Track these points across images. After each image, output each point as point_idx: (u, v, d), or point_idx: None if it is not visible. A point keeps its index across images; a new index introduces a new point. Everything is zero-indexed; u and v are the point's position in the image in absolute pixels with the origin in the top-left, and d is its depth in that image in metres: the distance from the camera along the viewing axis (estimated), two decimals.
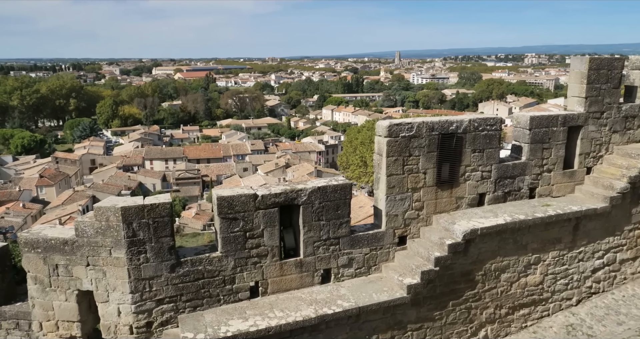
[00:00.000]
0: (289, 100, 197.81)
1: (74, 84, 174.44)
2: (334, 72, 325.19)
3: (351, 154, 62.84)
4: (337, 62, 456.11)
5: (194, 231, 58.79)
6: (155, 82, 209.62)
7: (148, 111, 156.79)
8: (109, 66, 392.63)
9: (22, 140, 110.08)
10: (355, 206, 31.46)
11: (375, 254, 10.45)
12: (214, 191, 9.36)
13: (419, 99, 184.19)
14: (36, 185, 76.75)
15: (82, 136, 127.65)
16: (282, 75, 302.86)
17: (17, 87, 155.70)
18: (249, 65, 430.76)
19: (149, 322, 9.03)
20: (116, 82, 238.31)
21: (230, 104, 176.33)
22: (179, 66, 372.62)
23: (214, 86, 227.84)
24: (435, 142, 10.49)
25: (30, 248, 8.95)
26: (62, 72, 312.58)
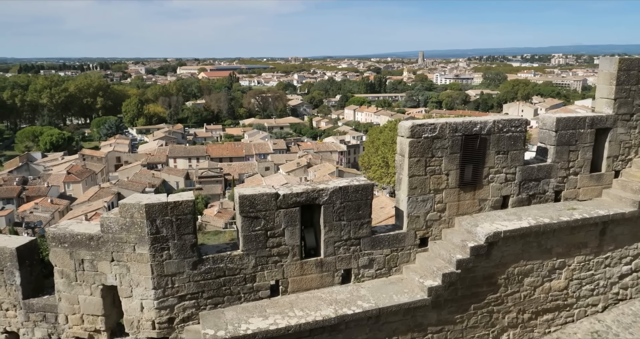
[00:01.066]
0: (311, 100, 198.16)
1: (101, 83, 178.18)
2: (357, 72, 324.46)
3: (373, 155, 62.65)
4: (360, 62, 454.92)
5: (216, 229, 59.42)
6: (179, 82, 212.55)
7: (172, 110, 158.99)
8: (135, 65, 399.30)
9: (51, 137, 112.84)
10: (377, 206, 31.34)
11: (396, 255, 10.39)
12: (236, 190, 9.44)
13: (442, 99, 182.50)
14: (64, 181, 78.60)
15: (108, 133, 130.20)
16: (304, 75, 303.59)
17: (47, 85, 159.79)
18: (271, 65, 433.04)
19: (170, 318, 9.16)
20: (142, 81, 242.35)
21: (253, 104, 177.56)
22: (203, 66, 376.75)
23: (237, 85, 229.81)
24: (459, 143, 10.38)
25: (58, 243, 9.16)
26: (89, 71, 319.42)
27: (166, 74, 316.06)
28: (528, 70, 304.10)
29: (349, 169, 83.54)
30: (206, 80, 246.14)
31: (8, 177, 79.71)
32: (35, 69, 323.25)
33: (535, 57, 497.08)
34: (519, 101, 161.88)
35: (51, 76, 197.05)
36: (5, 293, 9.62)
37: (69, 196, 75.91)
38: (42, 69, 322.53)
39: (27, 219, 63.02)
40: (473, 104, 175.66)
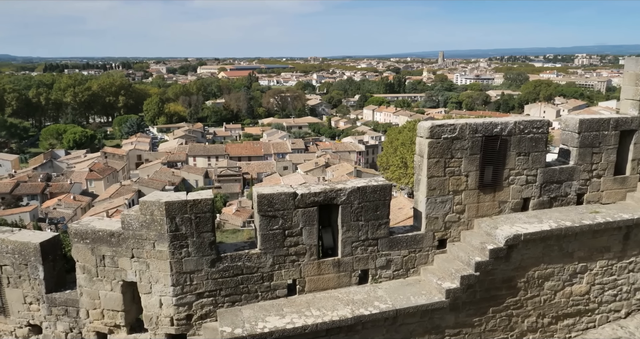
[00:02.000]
0: (330, 99, 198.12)
1: (123, 82, 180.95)
2: (376, 72, 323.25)
3: (391, 155, 62.33)
4: (379, 62, 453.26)
5: (234, 228, 59.83)
6: (199, 81, 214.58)
7: (192, 109, 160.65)
8: (156, 65, 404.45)
9: (74, 135, 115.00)
10: (395, 207, 31.19)
11: (414, 256, 10.33)
12: (255, 189, 9.49)
13: (462, 100, 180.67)
14: (86, 178, 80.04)
15: (130, 132, 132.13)
16: (323, 75, 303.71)
17: (71, 84, 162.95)
18: (291, 64, 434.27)
19: (189, 315, 9.25)
20: (163, 81, 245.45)
21: (272, 103, 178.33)
22: (223, 65, 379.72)
23: (256, 84, 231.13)
24: (479, 144, 10.27)
25: (80, 239, 9.34)
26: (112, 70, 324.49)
27: (187, 73, 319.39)
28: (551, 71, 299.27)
29: (367, 169, 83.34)
30: (226, 79, 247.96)
31: (33, 174, 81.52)
32: (60, 68, 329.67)
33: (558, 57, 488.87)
34: (541, 101, 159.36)
35: (75, 75, 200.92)
36: (29, 287, 9.84)
37: (91, 193, 77.26)
38: (67, 68, 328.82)
39: (51, 215, 64.32)
40: (494, 105, 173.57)
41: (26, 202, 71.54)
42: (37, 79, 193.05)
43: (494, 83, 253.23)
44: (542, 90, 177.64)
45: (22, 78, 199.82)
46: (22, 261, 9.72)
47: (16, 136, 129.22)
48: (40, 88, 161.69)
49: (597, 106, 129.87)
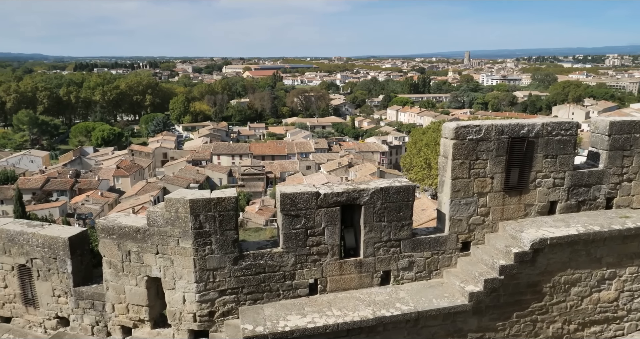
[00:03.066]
0: (354, 99, 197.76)
1: (150, 81, 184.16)
2: (401, 72, 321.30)
3: (415, 156, 61.88)
4: (404, 62, 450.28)
5: (257, 226, 60.24)
6: (225, 80, 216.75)
7: (217, 108, 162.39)
8: (183, 64, 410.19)
9: (102, 133, 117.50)
10: (418, 208, 30.97)
11: (437, 258, 10.23)
12: (278, 188, 9.53)
13: (488, 100, 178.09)
14: (113, 175, 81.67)
15: (156, 130, 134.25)
16: (347, 75, 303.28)
17: (100, 83, 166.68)
18: (315, 64, 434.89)
19: (211, 311, 9.36)
20: (189, 80, 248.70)
21: (296, 103, 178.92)
22: (248, 65, 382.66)
23: (280, 84, 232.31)
24: (505, 146, 10.11)
25: (107, 234, 9.54)
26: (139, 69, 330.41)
27: (212, 72, 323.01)
28: (580, 72, 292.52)
29: (391, 169, 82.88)
30: (251, 79, 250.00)
31: (62, 170, 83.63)
32: (90, 67, 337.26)
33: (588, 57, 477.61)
34: (570, 103, 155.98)
35: (104, 74, 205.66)
36: (58, 280, 10.10)
37: (118, 190, 78.81)
38: (96, 67, 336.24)
39: (79, 211, 65.87)
40: (520, 106, 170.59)
41: (56, 198, 73.41)
42: (67, 77, 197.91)
43: (521, 84, 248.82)
44: (571, 91, 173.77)
45: (53, 77, 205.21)
46: (52, 254, 9.97)
47: (47, 133, 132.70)
48: (71, 87, 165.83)
49: (629, 107, 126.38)
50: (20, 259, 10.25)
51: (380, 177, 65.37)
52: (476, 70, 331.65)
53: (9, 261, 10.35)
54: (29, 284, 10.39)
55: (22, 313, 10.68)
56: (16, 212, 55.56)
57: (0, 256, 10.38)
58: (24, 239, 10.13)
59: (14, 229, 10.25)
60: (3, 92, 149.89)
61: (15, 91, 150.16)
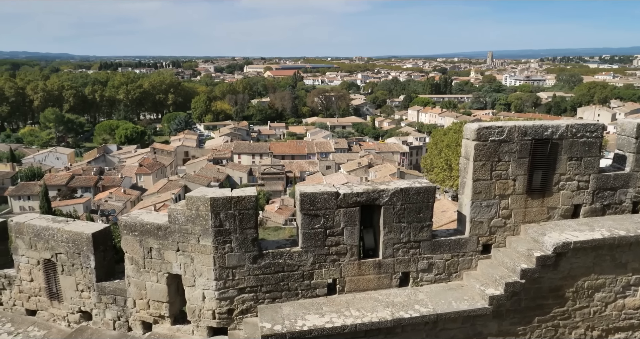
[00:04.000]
0: (375, 100, 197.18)
1: (172, 80, 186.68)
2: (422, 72, 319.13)
3: (436, 157, 61.41)
4: (425, 62, 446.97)
5: (276, 225, 60.55)
6: (246, 80, 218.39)
7: (238, 107, 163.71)
8: (205, 64, 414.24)
9: (126, 131, 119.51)
10: (438, 210, 30.71)
11: (457, 261, 10.13)
12: (297, 187, 9.55)
13: (511, 101, 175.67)
14: (136, 173, 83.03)
15: (178, 129, 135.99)
16: (368, 75, 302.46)
17: (124, 82, 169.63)
18: (336, 64, 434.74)
19: (230, 309, 9.43)
20: (210, 79, 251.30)
21: (316, 103, 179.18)
22: (269, 64, 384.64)
23: (301, 84, 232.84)
24: (528, 147, 9.95)
25: (129, 231, 9.69)
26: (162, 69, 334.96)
27: (234, 72, 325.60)
28: (607, 72, 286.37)
29: (411, 170, 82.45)
30: (271, 78, 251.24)
31: (87, 167, 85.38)
32: (114, 66, 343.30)
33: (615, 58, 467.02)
34: (595, 104, 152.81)
35: (127, 73, 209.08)
36: (81, 275, 10.30)
37: (140, 187, 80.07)
38: (120, 67, 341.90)
39: (102, 207, 67.13)
40: (544, 107, 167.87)
41: (80, 194, 74.98)
42: (92, 76, 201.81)
43: (545, 85, 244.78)
44: (597, 92, 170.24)
45: (79, 76, 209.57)
46: (76, 250, 10.18)
47: (72, 131, 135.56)
48: (96, 85, 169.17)
49: None
50: (46, 254, 10.48)
51: (400, 178, 65.03)
52: (499, 71, 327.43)
53: (35, 256, 10.60)
54: (53, 279, 10.62)
55: (47, 307, 10.92)
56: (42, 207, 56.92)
57: (27, 250, 10.64)
58: (49, 235, 10.36)
59: (40, 225, 10.49)
60: (31, 90, 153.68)
61: (42, 89, 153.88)
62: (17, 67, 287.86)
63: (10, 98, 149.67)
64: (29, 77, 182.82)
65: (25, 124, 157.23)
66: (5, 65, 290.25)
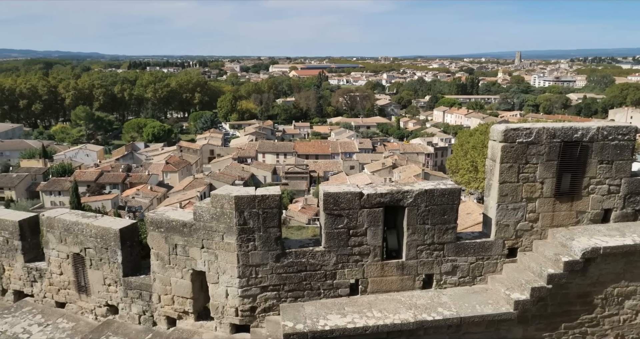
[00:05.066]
0: (400, 100, 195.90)
1: (199, 80, 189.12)
2: (448, 72, 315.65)
3: (461, 158, 60.72)
4: (452, 62, 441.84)
5: (299, 224, 60.73)
6: (271, 79, 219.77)
7: (263, 107, 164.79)
8: (231, 63, 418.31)
9: (153, 129, 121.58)
10: (463, 212, 30.33)
11: (482, 264, 9.99)
12: (321, 187, 9.56)
13: (540, 103, 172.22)
14: (162, 170, 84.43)
15: (204, 127, 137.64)
16: (394, 75, 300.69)
17: (152, 81, 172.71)
18: (361, 64, 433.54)
19: (252, 307, 9.51)
20: (236, 79, 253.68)
21: (341, 102, 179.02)
22: (294, 64, 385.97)
23: (326, 84, 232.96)
24: (556, 150, 9.74)
25: (155, 227, 9.86)
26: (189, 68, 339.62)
27: (259, 72, 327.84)
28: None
29: (436, 172, 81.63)
30: (296, 78, 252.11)
31: (115, 164, 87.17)
32: (143, 65, 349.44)
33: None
34: (628, 106, 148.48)
35: (155, 72, 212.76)
36: (109, 270, 10.53)
37: (166, 185, 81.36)
38: (149, 66, 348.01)
39: (130, 204, 68.45)
40: (574, 109, 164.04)
41: (108, 191, 76.60)
42: (122, 75, 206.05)
43: (576, 86, 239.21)
44: (630, 94, 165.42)
45: (108, 75, 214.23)
46: (104, 245, 10.41)
47: (102, 129, 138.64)
48: (125, 84, 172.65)
49: None
50: (75, 248, 10.74)
51: (424, 179, 64.46)
52: (527, 71, 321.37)
53: (65, 250, 10.88)
54: (82, 272, 10.88)
55: (75, 300, 11.20)
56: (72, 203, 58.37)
57: (57, 244, 10.93)
58: (78, 229, 10.62)
59: (70, 220, 10.75)
60: (63, 89, 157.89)
61: (73, 87, 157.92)
62: (50, 66, 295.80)
63: (43, 96, 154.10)
64: (61, 76, 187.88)
65: (57, 121, 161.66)
66: (39, 65, 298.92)
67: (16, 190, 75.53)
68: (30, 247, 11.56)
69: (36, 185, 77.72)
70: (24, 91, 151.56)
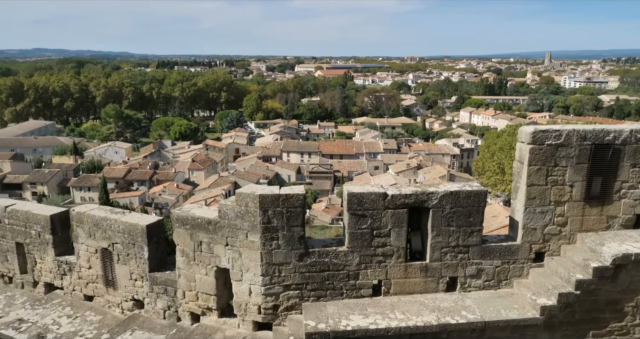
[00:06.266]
0: (426, 100, 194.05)
1: (225, 79, 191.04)
2: (475, 72, 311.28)
3: (488, 160, 59.84)
4: (480, 63, 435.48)
5: (323, 224, 60.78)
6: (296, 79, 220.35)
7: (288, 106, 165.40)
8: (257, 63, 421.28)
9: (180, 127, 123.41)
10: (489, 214, 29.88)
11: (507, 268, 9.82)
12: (345, 187, 9.55)
13: (570, 104, 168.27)
14: (188, 168, 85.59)
15: (230, 126, 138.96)
16: (420, 75, 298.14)
17: (179, 80, 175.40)
18: (387, 64, 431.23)
19: (275, 305, 9.56)
20: (262, 78, 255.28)
21: (366, 102, 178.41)
22: (320, 64, 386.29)
23: (351, 83, 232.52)
24: (587, 153, 9.51)
25: (180, 224, 10.02)
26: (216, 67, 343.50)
27: (285, 71, 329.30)
28: None
29: (461, 173, 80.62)
30: (322, 78, 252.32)
31: (143, 162, 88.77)
32: (171, 65, 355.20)
33: None
34: None
35: (183, 72, 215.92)
36: (135, 265, 10.74)
37: (192, 182, 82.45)
38: (176, 65, 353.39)
39: (156, 201, 69.64)
40: (606, 111, 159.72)
41: (136, 187, 78.08)
42: (150, 74, 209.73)
43: (608, 87, 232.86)
44: None
45: (137, 74, 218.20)
46: (131, 240, 10.62)
47: (130, 126, 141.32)
48: (153, 83, 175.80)
49: None
50: (103, 243, 10.99)
51: (450, 180, 63.72)
52: (558, 72, 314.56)
53: (94, 244, 11.14)
54: (109, 267, 11.12)
55: (103, 293, 11.46)
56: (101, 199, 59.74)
57: (86, 239, 11.20)
58: (107, 225, 10.86)
59: (99, 215, 11.01)
60: (94, 87, 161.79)
61: (104, 86, 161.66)
62: (81, 65, 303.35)
63: (75, 94, 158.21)
64: (92, 74, 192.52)
65: (87, 119, 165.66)
66: (71, 64, 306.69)
67: (48, 185, 77.66)
68: (60, 241, 11.87)
69: (67, 181, 79.76)
70: (57, 89, 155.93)
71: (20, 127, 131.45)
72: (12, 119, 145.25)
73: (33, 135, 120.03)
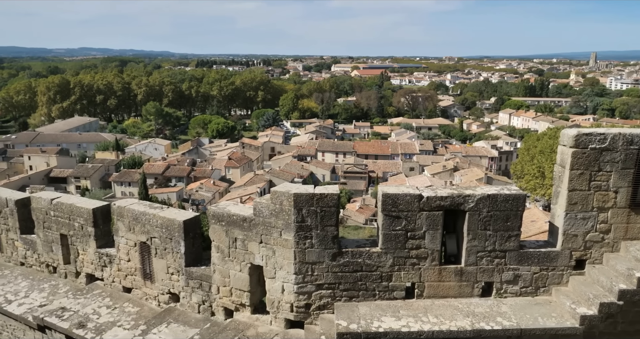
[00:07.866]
0: (464, 101, 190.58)
1: (262, 78, 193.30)
2: (516, 73, 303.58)
3: (527, 163, 58.29)
4: (520, 63, 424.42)
5: (356, 224, 60.61)
6: (333, 79, 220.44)
7: (324, 106, 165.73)
8: (294, 62, 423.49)
9: (218, 125, 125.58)
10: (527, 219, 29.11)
11: (546, 274, 9.55)
12: (380, 188, 9.50)
13: (616, 106, 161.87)
14: (225, 166, 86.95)
15: (266, 125, 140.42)
16: (458, 75, 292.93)
17: (217, 79, 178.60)
18: (424, 64, 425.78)
19: (307, 304, 9.61)
20: (298, 77, 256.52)
21: (403, 103, 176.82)
22: (356, 64, 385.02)
23: (388, 83, 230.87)
24: (633, 157, 9.13)
25: (216, 221, 10.19)
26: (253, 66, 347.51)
27: (321, 71, 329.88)
28: None
29: (499, 176, 78.86)
30: (358, 78, 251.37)
31: (181, 159, 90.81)
32: (209, 64, 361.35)
33: None
34: None
35: (221, 71, 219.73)
36: (172, 259, 10.99)
37: (228, 180, 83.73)
38: (215, 64, 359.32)
39: (193, 197, 71.02)
40: None
41: (174, 184, 79.91)
42: (190, 73, 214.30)
43: None
44: None
45: (177, 72, 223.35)
46: (168, 235, 10.87)
47: (170, 124, 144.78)
48: (192, 82, 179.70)
49: None
50: (142, 237, 11.30)
51: (487, 183, 62.43)
52: (603, 73, 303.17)
53: (133, 238, 11.47)
54: (147, 260, 11.43)
55: (141, 286, 11.78)
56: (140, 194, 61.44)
57: (126, 232, 11.54)
58: (145, 219, 11.15)
59: (138, 210, 11.32)
60: (135, 85, 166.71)
61: (145, 84, 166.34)
62: (124, 64, 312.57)
63: (117, 92, 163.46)
64: (134, 73, 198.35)
65: (129, 116, 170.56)
66: (114, 62, 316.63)
67: (91, 180, 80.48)
68: (102, 234, 12.28)
69: (109, 176, 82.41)
70: (101, 87, 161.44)
71: (66, 124, 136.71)
72: (58, 116, 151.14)
73: (78, 131, 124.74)
